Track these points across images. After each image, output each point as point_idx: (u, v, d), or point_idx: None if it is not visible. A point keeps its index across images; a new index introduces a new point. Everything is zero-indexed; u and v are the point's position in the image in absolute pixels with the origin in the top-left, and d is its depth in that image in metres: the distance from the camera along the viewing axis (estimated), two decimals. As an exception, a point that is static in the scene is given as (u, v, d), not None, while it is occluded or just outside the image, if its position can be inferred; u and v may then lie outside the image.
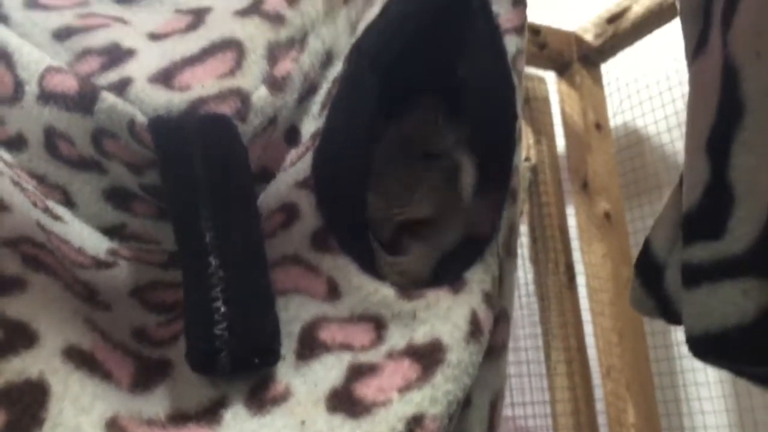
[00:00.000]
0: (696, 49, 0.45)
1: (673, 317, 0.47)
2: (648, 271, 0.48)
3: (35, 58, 0.47)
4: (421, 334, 0.44)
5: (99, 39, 0.49)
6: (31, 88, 0.47)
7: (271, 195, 0.50)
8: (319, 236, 0.48)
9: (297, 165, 0.50)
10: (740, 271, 0.40)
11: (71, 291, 0.44)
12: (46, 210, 0.47)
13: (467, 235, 0.50)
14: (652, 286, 0.48)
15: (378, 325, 0.45)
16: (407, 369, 0.43)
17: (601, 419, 1.33)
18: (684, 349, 1.29)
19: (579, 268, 1.42)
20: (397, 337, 0.45)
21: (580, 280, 1.41)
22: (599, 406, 1.34)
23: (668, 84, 1.36)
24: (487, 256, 0.49)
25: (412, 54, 0.49)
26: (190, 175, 0.43)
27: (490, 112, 0.50)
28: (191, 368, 0.42)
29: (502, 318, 0.52)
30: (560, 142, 1.49)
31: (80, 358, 0.41)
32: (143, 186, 0.48)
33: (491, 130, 0.50)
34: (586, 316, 1.39)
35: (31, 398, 0.38)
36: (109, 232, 0.49)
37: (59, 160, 0.48)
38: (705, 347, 0.43)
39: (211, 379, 0.43)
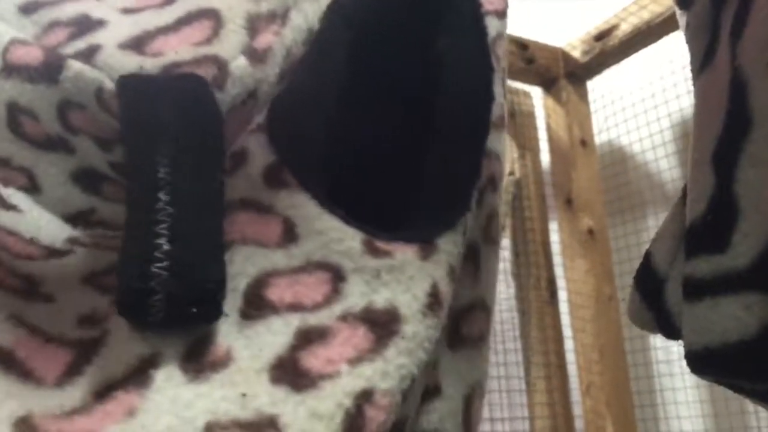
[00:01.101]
0: (703, 62, 0.45)
1: (671, 331, 0.46)
2: (648, 283, 0.47)
3: None
4: (381, 299, 0.42)
5: (67, 11, 0.47)
6: None
7: None
8: (272, 171, 0.45)
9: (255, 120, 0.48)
10: (743, 286, 0.40)
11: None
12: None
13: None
14: (651, 299, 0.47)
15: (336, 276, 0.42)
16: (360, 338, 0.40)
17: (580, 436, 1.32)
18: (663, 367, 1.29)
19: (561, 283, 1.42)
20: (356, 296, 0.42)
21: (562, 296, 1.41)
22: (578, 423, 1.33)
23: (654, 102, 1.37)
24: (458, 230, 0.47)
25: (389, 20, 0.48)
26: (151, 116, 0.40)
27: (466, 90, 0.49)
28: (119, 311, 0.38)
29: (478, 308, 0.50)
30: (545, 158, 1.49)
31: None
32: (113, 164, 0.45)
33: (466, 108, 0.49)
34: (567, 332, 1.38)
35: None
36: (75, 218, 0.46)
37: (23, 140, 0.45)
38: (704, 362, 0.42)
39: (143, 335, 0.39)
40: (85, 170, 0.46)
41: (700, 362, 0.43)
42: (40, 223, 0.45)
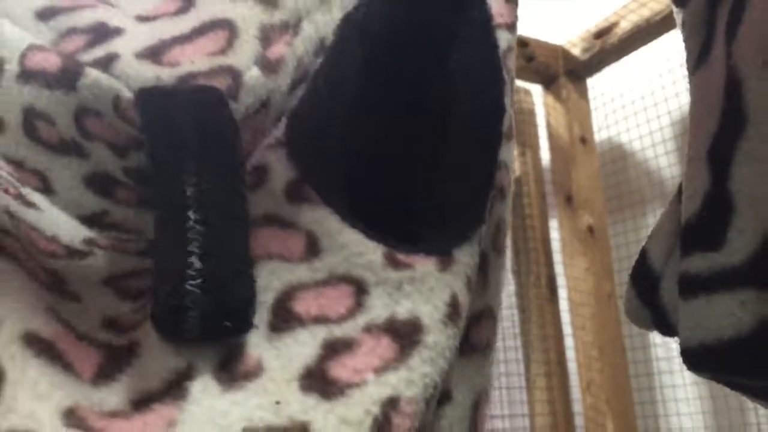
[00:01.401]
0: (698, 60, 0.45)
1: (667, 328, 0.47)
2: (644, 281, 0.48)
3: (17, 36, 0.46)
4: (403, 310, 0.43)
5: (84, 18, 0.48)
6: (12, 67, 0.45)
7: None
8: (293, 187, 0.46)
9: (271, 133, 0.49)
10: (738, 283, 0.40)
11: (36, 280, 0.43)
12: (19, 197, 0.45)
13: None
14: (647, 296, 0.47)
15: (359, 289, 0.44)
16: (385, 348, 0.42)
17: (580, 433, 1.33)
18: (663, 364, 1.29)
19: (561, 281, 1.42)
20: (379, 308, 0.43)
21: (562, 293, 1.41)
22: (578, 420, 1.34)
23: (654, 100, 1.37)
24: (474, 241, 0.48)
25: (403, 34, 0.49)
26: (175, 133, 0.42)
27: (479, 103, 0.50)
28: (156, 328, 0.40)
29: (486, 316, 0.51)
30: (545, 155, 1.49)
31: (40, 346, 0.40)
32: (127, 170, 0.46)
33: (480, 121, 0.50)
34: (566, 329, 1.38)
35: None
36: (89, 220, 0.47)
37: (38, 144, 0.46)
38: (700, 359, 0.43)
39: (177, 349, 0.40)
40: (98, 174, 0.47)
41: (695, 359, 0.43)
42: (58, 222, 0.46)
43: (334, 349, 0.42)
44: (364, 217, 0.46)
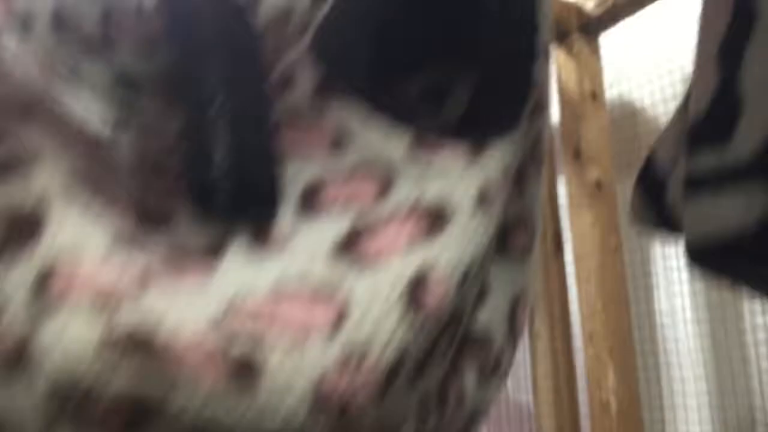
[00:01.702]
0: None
1: (672, 226, 0.48)
2: (650, 182, 0.49)
3: None
4: (430, 194, 0.44)
5: None
6: None
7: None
8: (321, 84, 0.47)
9: (295, 46, 0.50)
10: (744, 175, 0.41)
11: (72, 147, 0.44)
12: (53, 82, 0.47)
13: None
14: (653, 197, 0.49)
15: (386, 175, 0.45)
16: (412, 227, 0.43)
17: (582, 383, 1.34)
18: (666, 318, 1.29)
19: (567, 235, 1.43)
20: (407, 191, 0.44)
21: (567, 247, 1.42)
22: (581, 370, 1.35)
23: (666, 55, 1.37)
24: (507, 140, 0.48)
25: None
26: (198, 33, 0.43)
27: (510, 21, 0.51)
28: (191, 197, 0.42)
29: (522, 222, 0.53)
30: (554, 111, 1.50)
31: (87, 180, 0.41)
32: (150, 72, 0.48)
33: (511, 38, 0.51)
34: (570, 281, 1.40)
35: (32, 211, 0.38)
36: (118, 109, 0.49)
37: (67, 44, 0.48)
38: (704, 254, 0.44)
39: (211, 221, 0.43)
40: (126, 75, 0.49)
41: (700, 254, 0.44)
42: (90, 108, 0.47)
43: (361, 229, 0.43)
44: (394, 106, 0.47)
